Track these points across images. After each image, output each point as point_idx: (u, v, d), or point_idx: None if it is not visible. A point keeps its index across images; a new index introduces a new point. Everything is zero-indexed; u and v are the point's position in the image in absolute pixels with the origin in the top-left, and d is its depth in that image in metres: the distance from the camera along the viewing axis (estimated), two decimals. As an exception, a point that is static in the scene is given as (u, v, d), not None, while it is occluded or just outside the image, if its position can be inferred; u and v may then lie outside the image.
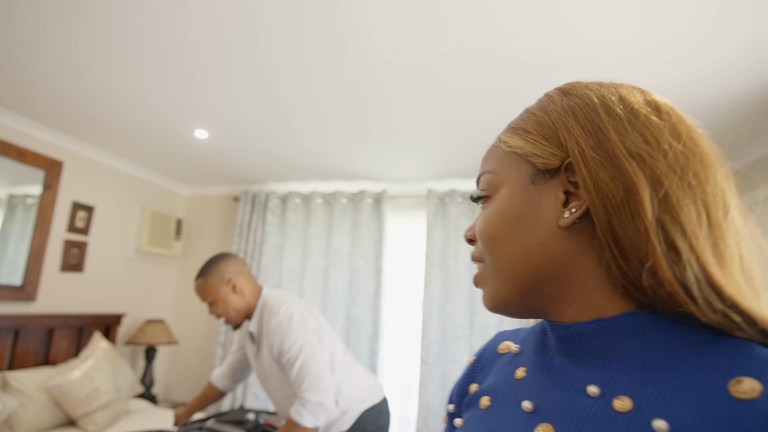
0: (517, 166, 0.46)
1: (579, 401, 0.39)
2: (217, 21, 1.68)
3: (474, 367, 0.56)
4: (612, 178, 0.38)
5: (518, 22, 1.61)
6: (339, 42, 1.77)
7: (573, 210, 0.41)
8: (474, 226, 0.49)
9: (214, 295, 1.73)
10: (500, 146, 0.49)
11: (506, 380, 0.49)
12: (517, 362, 0.50)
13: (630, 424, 0.34)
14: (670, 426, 0.32)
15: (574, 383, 0.40)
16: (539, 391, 0.43)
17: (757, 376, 0.31)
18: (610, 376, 0.38)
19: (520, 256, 0.43)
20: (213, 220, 4.06)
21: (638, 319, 0.38)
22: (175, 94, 2.29)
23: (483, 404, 0.49)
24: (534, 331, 0.52)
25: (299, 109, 2.41)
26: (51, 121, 2.72)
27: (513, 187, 0.45)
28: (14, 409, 2.26)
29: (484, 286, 0.47)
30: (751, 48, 1.68)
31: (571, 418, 0.38)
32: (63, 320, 2.87)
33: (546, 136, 0.44)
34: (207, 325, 3.86)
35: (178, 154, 3.24)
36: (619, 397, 0.36)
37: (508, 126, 0.50)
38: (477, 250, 0.49)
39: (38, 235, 2.79)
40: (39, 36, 1.82)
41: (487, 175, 0.48)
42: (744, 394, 0.30)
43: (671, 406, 0.33)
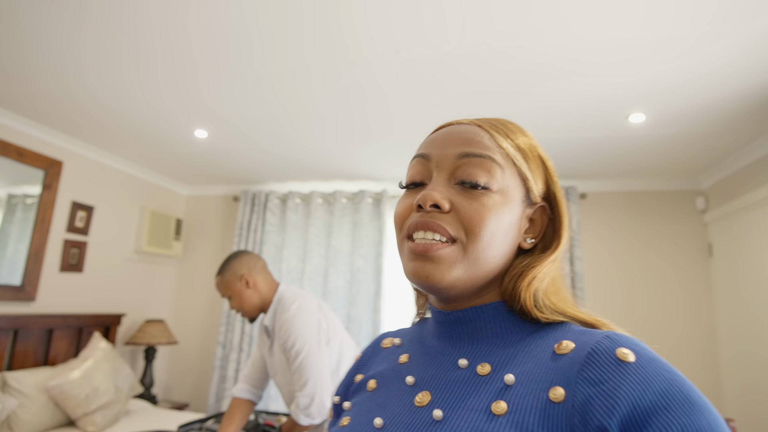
0: (517, 181, 0.51)
1: (452, 372, 0.49)
2: (216, 21, 1.68)
3: (359, 362, 0.64)
4: (558, 226, 0.54)
5: (518, 21, 1.60)
6: (339, 42, 1.77)
7: (533, 239, 0.53)
8: (443, 194, 0.48)
9: (230, 291, 1.83)
10: (503, 148, 0.51)
11: (391, 366, 0.57)
12: (399, 351, 0.59)
13: (489, 381, 0.45)
14: (515, 377, 0.44)
15: (448, 359, 0.51)
16: (420, 369, 0.52)
17: (570, 338, 0.45)
18: (476, 350, 0.49)
19: (497, 254, 0.49)
20: (213, 220, 4.05)
21: (500, 308, 0.51)
22: (175, 94, 2.29)
23: (370, 387, 0.56)
24: (412, 329, 0.62)
25: (299, 109, 2.40)
26: (51, 121, 2.72)
27: (513, 199, 0.50)
28: (13, 409, 2.25)
29: (443, 264, 0.47)
30: (751, 48, 1.68)
31: (445, 384, 0.48)
32: (62, 320, 2.86)
33: (538, 173, 0.53)
34: (207, 325, 3.85)
35: (178, 154, 3.24)
36: (481, 364, 0.47)
37: (502, 131, 0.52)
38: (453, 226, 0.47)
39: (38, 235, 2.79)
40: (39, 35, 1.82)
41: (495, 165, 0.49)
42: (563, 350, 0.44)
43: (517, 365, 0.45)
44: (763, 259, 2.54)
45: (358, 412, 0.53)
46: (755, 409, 2.62)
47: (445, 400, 0.46)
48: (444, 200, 0.47)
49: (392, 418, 0.48)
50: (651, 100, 2.13)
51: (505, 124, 0.54)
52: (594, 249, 3.31)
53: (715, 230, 3.05)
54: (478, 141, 0.50)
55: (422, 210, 0.48)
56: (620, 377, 0.38)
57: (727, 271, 2.92)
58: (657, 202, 3.28)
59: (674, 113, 2.24)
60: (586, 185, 3.39)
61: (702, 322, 3.07)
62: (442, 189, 0.48)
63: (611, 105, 2.19)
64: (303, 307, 1.75)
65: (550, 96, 2.13)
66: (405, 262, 0.50)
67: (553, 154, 2.88)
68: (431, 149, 0.52)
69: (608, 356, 0.40)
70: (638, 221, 3.28)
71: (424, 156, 0.52)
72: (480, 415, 0.43)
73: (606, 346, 0.41)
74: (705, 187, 3.17)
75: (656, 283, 3.17)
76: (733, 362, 2.85)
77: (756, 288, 2.61)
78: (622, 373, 0.38)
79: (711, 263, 3.11)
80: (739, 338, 2.79)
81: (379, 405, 0.52)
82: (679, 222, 3.21)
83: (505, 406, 0.42)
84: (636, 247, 3.25)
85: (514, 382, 0.44)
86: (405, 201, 0.52)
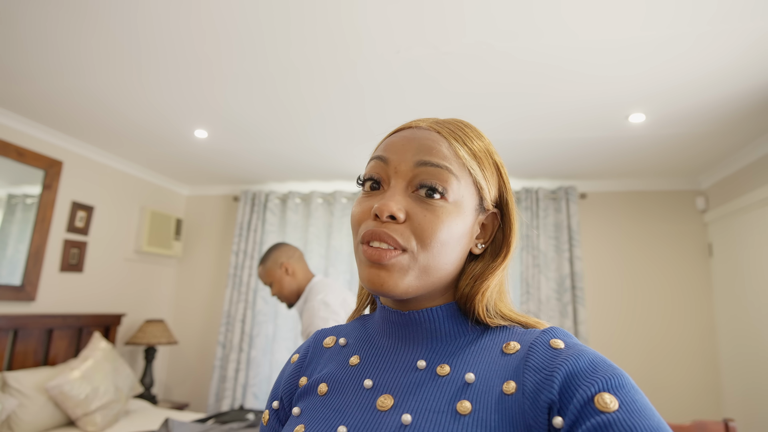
0: (471, 190, 0.52)
1: (411, 374, 0.50)
2: (216, 21, 1.68)
3: (299, 364, 0.61)
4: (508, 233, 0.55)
5: (518, 21, 1.60)
6: (339, 42, 1.77)
7: (483, 244, 0.55)
8: (399, 203, 0.48)
9: (271, 278, 2.01)
10: (460, 156, 0.51)
11: (341, 368, 0.55)
12: (347, 352, 0.57)
13: (449, 382, 0.47)
14: (475, 376, 0.47)
15: (405, 361, 0.51)
16: (376, 371, 0.52)
17: (515, 339, 0.49)
18: (433, 351, 0.51)
19: (448, 262, 0.50)
20: (213, 220, 4.05)
21: (453, 310, 0.53)
22: (175, 94, 2.29)
23: (321, 391, 0.54)
24: (354, 327, 0.61)
25: (299, 109, 2.40)
26: (51, 121, 2.72)
27: (466, 208, 0.51)
28: (13, 409, 2.25)
29: (395, 272, 0.48)
30: (751, 48, 1.68)
31: (405, 387, 0.49)
32: (62, 320, 2.86)
33: (493, 180, 0.54)
34: (207, 325, 3.85)
35: (178, 154, 3.24)
36: (440, 365, 0.49)
37: (460, 138, 0.52)
38: (403, 236, 0.48)
39: (38, 235, 2.79)
40: (39, 35, 1.82)
41: (452, 176, 0.49)
42: (510, 350, 0.48)
43: (474, 365, 0.48)
44: (762, 258, 2.54)
45: (313, 419, 0.51)
46: (755, 409, 2.62)
47: (409, 403, 0.47)
48: (400, 211, 0.48)
49: (356, 424, 0.48)
50: (651, 100, 2.13)
51: (463, 129, 0.54)
52: (594, 249, 3.31)
53: (715, 230, 3.05)
54: (437, 150, 0.50)
55: (378, 219, 0.49)
56: (555, 360, 0.44)
57: (727, 271, 2.92)
58: (657, 202, 3.28)
59: (674, 113, 2.24)
60: (586, 185, 3.39)
61: (702, 321, 3.07)
62: (399, 198, 0.49)
63: (611, 105, 2.19)
64: (325, 300, 1.87)
65: (550, 96, 2.13)
66: (360, 268, 0.50)
67: (553, 154, 2.88)
68: (390, 153, 0.52)
69: (544, 346, 0.46)
70: (638, 221, 3.28)
71: (382, 159, 0.52)
72: (446, 417, 0.44)
73: (542, 339, 0.47)
74: (705, 187, 3.17)
75: (656, 283, 3.17)
76: (733, 362, 2.85)
77: (756, 288, 2.61)
78: (557, 357, 0.44)
79: (711, 263, 3.11)
80: (739, 338, 2.79)
81: (337, 411, 0.50)
82: (679, 222, 3.21)
83: (469, 406, 0.44)
84: (636, 247, 3.25)
85: (474, 381, 0.46)
86: (362, 204, 0.52)
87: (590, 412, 0.39)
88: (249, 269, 3.63)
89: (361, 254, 0.50)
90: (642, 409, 0.39)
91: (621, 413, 0.38)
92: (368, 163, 0.55)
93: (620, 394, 0.40)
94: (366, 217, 0.51)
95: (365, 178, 0.53)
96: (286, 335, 3.54)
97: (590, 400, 0.40)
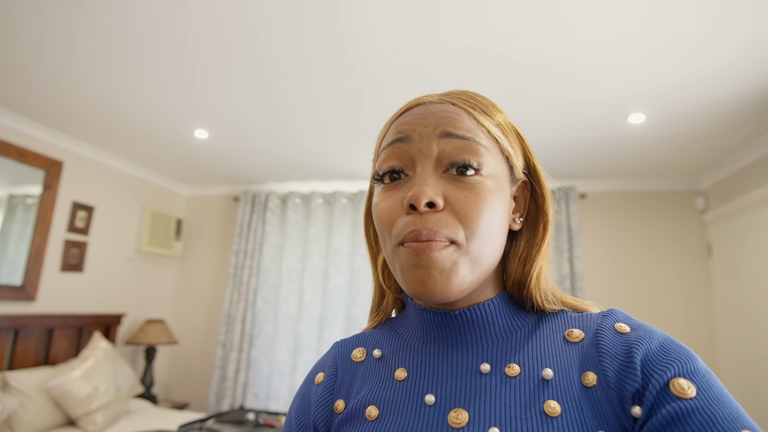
0: (500, 159, 0.46)
1: (477, 381, 0.44)
2: (216, 21, 1.68)
3: (331, 384, 0.51)
4: (543, 201, 0.50)
5: (516, 23, 1.60)
6: (339, 42, 1.78)
7: (521, 218, 0.50)
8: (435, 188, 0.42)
9: None
10: (484, 125, 0.46)
11: (388, 385, 0.47)
12: (388, 366, 0.49)
13: (524, 382, 0.42)
14: (552, 371, 0.42)
15: (464, 366, 0.45)
16: (434, 384, 0.45)
17: (575, 326, 0.46)
18: (494, 351, 0.45)
19: (497, 245, 0.45)
20: (213, 220, 4.06)
21: (504, 301, 0.48)
22: (175, 94, 2.29)
23: (370, 415, 0.45)
24: (383, 335, 0.53)
25: (299, 109, 2.41)
26: (51, 121, 2.73)
27: (502, 180, 0.45)
28: (14, 409, 2.26)
29: (445, 269, 0.41)
30: (752, 48, 1.69)
31: (476, 397, 0.42)
32: (63, 320, 2.87)
33: (517, 147, 0.49)
34: (207, 325, 3.86)
35: (178, 154, 3.24)
36: (508, 365, 0.44)
37: (478, 107, 0.47)
38: (451, 227, 0.41)
39: (38, 235, 2.79)
40: (38, 36, 1.82)
41: (481, 147, 0.44)
42: (574, 338, 0.44)
43: (544, 359, 0.43)
44: (762, 258, 2.55)
45: None
46: (755, 409, 2.62)
47: (486, 414, 0.41)
48: (438, 196, 0.41)
49: None
50: (651, 101, 2.13)
51: (478, 100, 0.48)
52: (594, 249, 3.31)
53: (715, 230, 3.05)
54: (459, 121, 0.44)
55: (415, 211, 0.42)
56: (628, 345, 0.41)
57: (727, 271, 2.92)
58: (656, 202, 3.28)
59: (674, 113, 2.24)
60: (586, 185, 3.39)
61: (701, 321, 3.08)
62: (433, 182, 0.42)
63: (611, 105, 2.19)
64: None
65: (550, 97, 2.13)
66: (404, 271, 0.43)
67: (553, 154, 2.88)
68: (408, 133, 0.45)
69: (611, 331, 0.43)
70: (638, 221, 3.29)
71: (402, 140, 0.45)
72: (537, 422, 0.39)
73: (607, 324, 0.44)
74: (704, 187, 3.18)
75: (656, 283, 3.17)
76: (733, 362, 2.85)
77: (755, 288, 2.61)
78: (627, 341, 0.42)
79: (710, 263, 3.11)
80: (739, 338, 2.79)
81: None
82: (678, 222, 3.22)
83: (557, 406, 0.40)
84: (636, 247, 3.26)
85: (553, 377, 0.42)
86: (389, 198, 0.45)
87: (666, 398, 0.37)
88: (249, 269, 3.63)
89: (403, 254, 0.42)
90: (719, 395, 0.37)
91: (699, 400, 0.36)
92: (382, 151, 0.47)
93: (696, 380, 0.38)
94: (397, 212, 0.44)
95: (384, 171, 0.46)
96: (286, 335, 3.54)
97: (666, 385, 0.38)
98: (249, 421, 2.64)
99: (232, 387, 3.44)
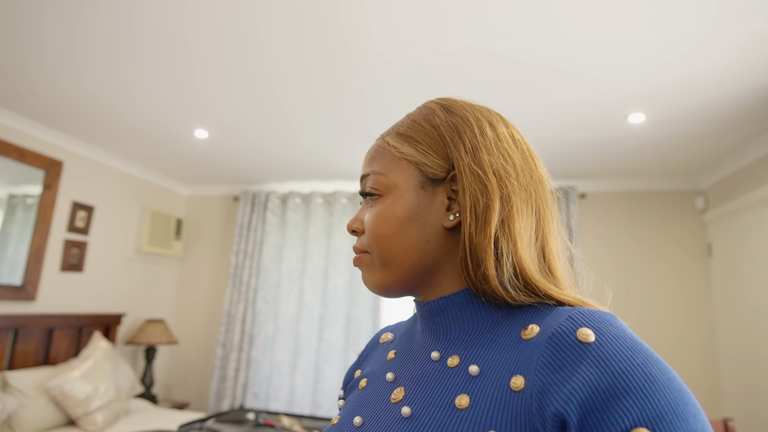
0: (407, 172, 0.52)
1: (425, 366, 0.50)
2: (217, 21, 1.68)
3: (360, 358, 0.66)
4: (480, 191, 0.48)
5: (515, 23, 1.61)
6: (339, 42, 1.78)
7: (457, 214, 0.50)
8: (359, 219, 0.55)
9: None
10: (389, 149, 0.54)
11: (380, 363, 0.58)
12: (390, 347, 0.60)
13: (456, 374, 0.45)
14: (480, 368, 0.44)
15: (423, 353, 0.51)
16: (400, 365, 0.54)
17: (536, 321, 0.43)
18: (448, 342, 0.49)
19: (406, 250, 0.50)
20: (213, 220, 4.06)
21: (466, 295, 0.49)
22: (175, 94, 2.29)
23: (361, 385, 0.57)
24: (407, 323, 0.62)
25: (299, 109, 2.41)
26: (51, 121, 2.73)
27: (404, 191, 0.51)
28: (14, 408, 2.26)
29: (367, 272, 0.54)
30: (751, 48, 1.69)
31: (417, 380, 0.49)
32: (63, 320, 2.87)
33: (434, 149, 0.52)
34: (207, 325, 3.86)
35: (178, 154, 3.24)
36: (451, 356, 0.48)
37: (394, 131, 0.55)
38: (362, 243, 0.54)
39: (38, 235, 2.79)
40: (38, 36, 1.82)
41: (378, 176, 0.53)
42: (527, 334, 0.42)
43: (483, 355, 0.45)
44: (762, 258, 2.55)
45: (347, 411, 0.55)
46: (754, 409, 2.62)
47: (416, 395, 0.47)
48: (355, 223, 0.55)
49: (370, 415, 0.50)
50: (651, 101, 2.13)
51: (408, 116, 0.56)
52: (593, 249, 3.31)
53: (715, 230, 3.06)
54: (370, 158, 0.55)
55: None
56: (579, 360, 0.36)
57: (727, 271, 2.92)
58: (656, 202, 3.28)
59: (674, 113, 2.24)
60: (586, 185, 3.39)
61: (701, 321, 3.08)
62: (360, 213, 0.56)
63: (611, 105, 2.19)
64: None
65: (550, 96, 2.13)
66: None
67: (553, 154, 2.89)
68: None
69: (568, 338, 0.38)
70: (638, 221, 3.29)
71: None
72: (445, 411, 0.43)
73: (567, 327, 0.38)
74: (704, 187, 3.18)
75: (656, 283, 3.17)
76: (733, 362, 2.85)
77: (755, 288, 2.61)
78: (581, 356, 0.36)
79: (710, 263, 3.11)
80: (739, 338, 2.79)
81: (363, 403, 0.53)
82: (678, 222, 3.22)
83: (467, 400, 0.42)
84: (635, 247, 3.26)
85: (478, 374, 0.44)
86: None
87: None
88: (249, 269, 3.63)
89: None
90: None
91: None
92: None
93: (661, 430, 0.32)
94: None
95: None
96: (286, 335, 3.54)
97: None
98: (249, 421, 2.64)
99: (232, 387, 3.44)
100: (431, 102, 0.56)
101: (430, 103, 0.56)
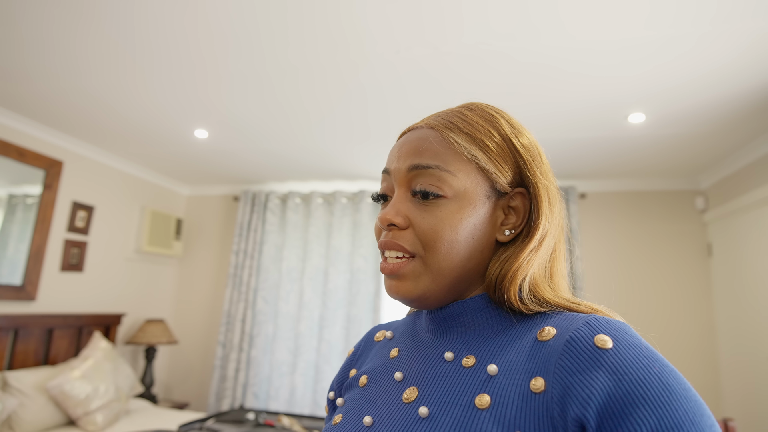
0: (476, 178, 0.50)
1: (438, 366, 0.49)
2: (217, 21, 1.68)
3: (352, 357, 0.64)
4: (546, 218, 0.51)
5: (515, 23, 1.61)
6: (340, 42, 1.78)
7: (512, 230, 0.51)
8: (402, 213, 0.50)
9: None
10: (455, 146, 0.50)
11: (382, 361, 0.57)
12: (390, 345, 0.59)
13: (473, 374, 0.45)
14: (498, 368, 0.44)
15: (435, 353, 0.51)
16: (408, 364, 0.52)
17: (552, 324, 0.44)
18: (462, 343, 0.49)
19: (463, 258, 0.49)
20: (213, 219, 4.06)
21: (483, 301, 0.50)
22: (175, 94, 2.29)
23: (362, 383, 0.56)
24: (405, 322, 0.62)
25: (299, 109, 2.41)
26: (51, 121, 2.73)
27: (473, 198, 0.50)
28: (14, 408, 2.26)
29: (409, 279, 0.49)
30: (751, 48, 1.69)
31: (431, 379, 0.48)
32: (63, 320, 2.87)
33: (504, 160, 0.51)
34: (207, 325, 3.86)
35: (178, 154, 3.24)
36: (467, 356, 0.48)
37: (456, 127, 0.51)
38: (411, 242, 0.49)
39: (38, 235, 2.79)
40: (38, 36, 1.82)
41: (445, 173, 0.49)
42: (544, 336, 0.43)
43: (501, 356, 0.45)
44: (762, 258, 2.55)
45: (350, 410, 0.53)
46: (754, 409, 2.62)
47: (431, 395, 0.46)
48: (398, 217, 0.50)
49: (381, 415, 0.48)
50: (651, 100, 2.13)
51: (461, 114, 0.52)
52: (593, 249, 3.31)
53: (715, 230, 3.06)
54: (426, 149, 0.50)
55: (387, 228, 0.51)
56: (597, 366, 0.37)
57: (727, 271, 2.92)
58: (656, 201, 3.28)
59: (674, 113, 2.24)
60: (586, 185, 3.39)
61: (701, 321, 3.08)
62: (400, 205, 0.50)
63: (611, 105, 2.19)
64: None
65: (550, 96, 2.14)
66: (384, 279, 0.53)
67: (553, 154, 2.88)
68: (389, 164, 0.54)
69: (586, 344, 0.39)
70: (638, 221, 3.29)
71: (385, 171, 0.54)
72: (464, 410, 0.42)
73: (584, 332, 0.40)
74: (704, 186, 3.18)
75: (656, 283, 3.17)
76: (733, 362, 2.85)
77: (755, 287, 2.62)
78: (599, 362, 0.37)
79: (710, 263, 3.11)
80: (739, 338, 2.79)
81: (370, 402, 0.52)
82: (678, 222, 3.22)
83: (488, 400, 0.42)
84: (635, 247, 3.26)
85: (497, 373, 0.44)
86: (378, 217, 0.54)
87: None
88: (249, 269, 3.63)
89: (382, 264, 0.52)
90: None
91: None
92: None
93: None
94: (381, 228, 0.53)
95: (379, 195, 0.56)
96: (286, 335, 3.54)
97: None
98: (249, 420, 2.64)
99: (232, 387, 3.44)
100: (484, 105, 0.54)
101: (484, 105, 0.54)
